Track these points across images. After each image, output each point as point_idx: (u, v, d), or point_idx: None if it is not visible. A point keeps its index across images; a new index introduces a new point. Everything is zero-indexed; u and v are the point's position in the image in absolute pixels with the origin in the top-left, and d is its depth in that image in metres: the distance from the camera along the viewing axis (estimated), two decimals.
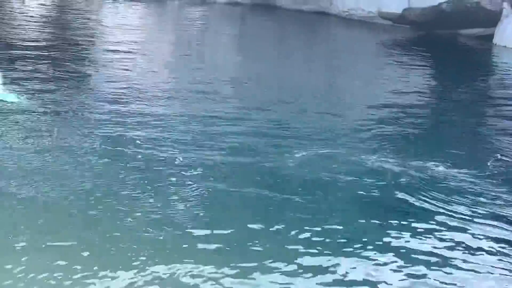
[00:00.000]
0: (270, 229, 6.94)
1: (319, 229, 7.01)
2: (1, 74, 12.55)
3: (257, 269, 6.08)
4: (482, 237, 7.17)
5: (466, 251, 6.80)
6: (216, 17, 30.80)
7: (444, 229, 7.27)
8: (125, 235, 6.51)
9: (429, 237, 7.04)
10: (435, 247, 6.82)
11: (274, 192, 8.02)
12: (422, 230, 7.20)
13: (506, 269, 6.48)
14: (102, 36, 20.73)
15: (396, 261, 6.45)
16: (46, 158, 8.51)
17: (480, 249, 6.88)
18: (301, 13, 31.81)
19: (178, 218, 6.99)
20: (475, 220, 7.56)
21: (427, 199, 8.05)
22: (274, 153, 9.57)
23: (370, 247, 6.68)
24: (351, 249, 6.60)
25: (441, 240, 7.02)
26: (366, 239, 6.84)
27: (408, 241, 6.91)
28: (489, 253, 6.81)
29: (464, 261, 6.59)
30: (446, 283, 6.14)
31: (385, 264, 6.39)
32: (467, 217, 7.60)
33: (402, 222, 7.37)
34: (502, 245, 6.99)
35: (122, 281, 5.73)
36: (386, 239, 6.92)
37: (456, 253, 6.75)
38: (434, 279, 6.18)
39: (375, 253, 6.55)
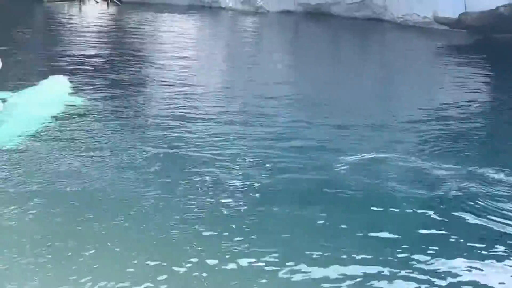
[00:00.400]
0: (325, 243, 6.88)
1: (373, 244, 6.92)
2: (69, 81, 13.91)
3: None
4: None
5: None
6: (270, 27, 30.87)
7: (504, 251, 6.92)
8: (182, 255, 6.53)
9: (487, 261, 6.68)
10: (492, 273, 6.47)
11: (327, 204, 7.97)
12: (483, 253, 6.87)
13: None
14: (159, 48, 21.03)
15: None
16: (106, 169, 8.70)
17: None
18: (355, 20, 31.57)
19: (235, 237, 6.98)
20: None
21: (488, 214, 7.75)
22: (328, 158, 9.58)
23: (426, 268, 6.46)
24: (405, 269, 6.45)
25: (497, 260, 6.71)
26: (422, 260, 6.61)
27: (465, 266, 6.57)
28: None
29: None
30: None
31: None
32: None
33: (460, 241, 7.10)
34: None
35: None
36: (441, 262, 6.62)
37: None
38: None
39: (430, 275, 6.34)
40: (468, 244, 7.02)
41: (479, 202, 8.07)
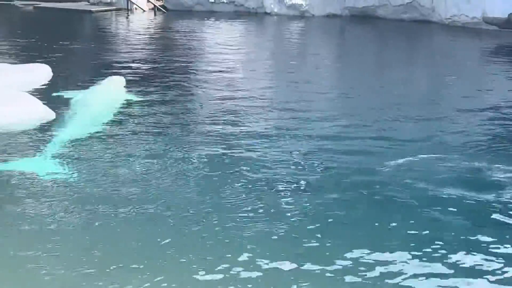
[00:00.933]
0: (375, 247, 6.89)
1: (425, 251, 6.86)
2: (124, 80, 14.83)
3: None
4: None
5: None
6: (318, 31, 30.79)
7: None
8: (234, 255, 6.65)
9: None
10: None
11: (376, 207, 8.00)
12: None
13: None
14: (208, 55, 21.21)
15: None
16: (161, 174, 8.86)
17: None
18: (402, 22, 31.31)
19: (289, 238, 7.10)
20: None
21: None
22: (378, 160, 9.60)
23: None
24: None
25: None
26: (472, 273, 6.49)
27: None
28: None
29: None
30: None
31: None
32: None
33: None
34: None
35: None
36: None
37: None
38: None
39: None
40: None
41: None
